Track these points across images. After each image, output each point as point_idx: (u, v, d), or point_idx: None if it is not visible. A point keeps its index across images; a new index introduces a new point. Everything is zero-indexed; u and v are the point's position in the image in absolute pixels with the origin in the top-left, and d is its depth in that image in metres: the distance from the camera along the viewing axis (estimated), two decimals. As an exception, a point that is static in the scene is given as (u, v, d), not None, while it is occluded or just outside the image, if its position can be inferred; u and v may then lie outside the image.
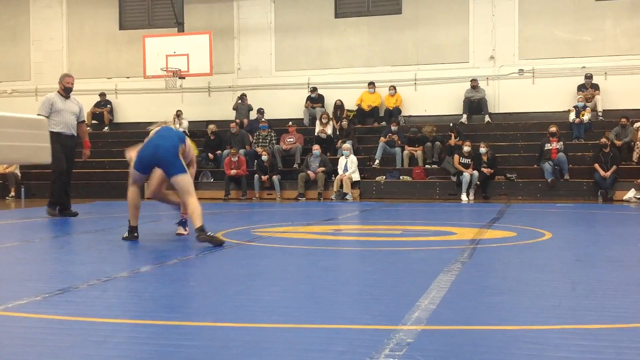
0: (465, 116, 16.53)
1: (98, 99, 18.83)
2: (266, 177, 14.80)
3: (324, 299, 3.77)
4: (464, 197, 13.78)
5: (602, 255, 5.58)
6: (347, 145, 14.86)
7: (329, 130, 16.07)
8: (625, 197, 13.02)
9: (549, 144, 14.16)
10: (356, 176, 14.59)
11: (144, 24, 18.91)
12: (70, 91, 9.46)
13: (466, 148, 14.09)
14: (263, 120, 16.66)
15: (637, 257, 5.51)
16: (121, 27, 19.19)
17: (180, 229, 6.95)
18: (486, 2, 16.74)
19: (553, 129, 14.24)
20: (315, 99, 17.33)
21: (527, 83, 16.62)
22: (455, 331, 3.04)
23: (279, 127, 16.64)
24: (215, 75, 17.05)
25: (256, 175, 14.86)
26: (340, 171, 14.57)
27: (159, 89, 17.51)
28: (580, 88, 15.92)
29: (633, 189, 12.97)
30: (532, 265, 4.98)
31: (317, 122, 16.36)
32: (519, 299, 3.74)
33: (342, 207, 12.29)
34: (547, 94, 16.32)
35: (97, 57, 19.24)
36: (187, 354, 2.68)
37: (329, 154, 15.39)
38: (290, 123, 16.39)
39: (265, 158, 14.92)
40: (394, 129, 15.62)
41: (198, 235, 5.92)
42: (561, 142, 14.18)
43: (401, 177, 14.86)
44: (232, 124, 16.31)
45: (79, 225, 8.44)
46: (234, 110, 17.52)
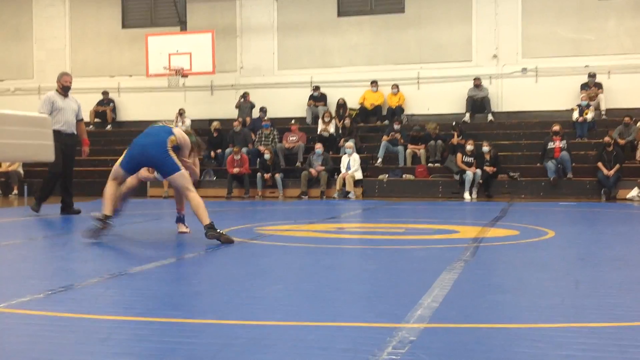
0: (468, 115, 16.52)
1: (101, 97, 18.85)
2: (269, 176, 14.80)
3: (327, 297, 3.77)
4: (466, 195, 13.77)
5: (605, 254, 5.58)
6: (349, 144, 14.85)
7: (331, 128, 16.06)
8: (628, 196, 13.01)
9: (552, 143, 14.14)
10: (359, 175, 14.59)
11: (146, 23, 18.92)
12: (68, 90, 9.47)
13: (469, 147, 14.08)
14: (266, 118, 16.66)
15: (640, 255, 5.51)
16: (124, 26, 19.20)
17: (182, 227, 6.94)
18: (489, 1, 16.72)
19: (556, 127, 14.22)
20: (317, 98, 17.32)
21: (530, 82, 16.60)
22: (458, 329, 3.03)
23: (282, 125, 16.64)
24: (217, 74, 17.05)
25: (259, 174, 14.87)
26: (343, 170, 14.57)
27: (161, 87, 17.51)
28: (584, 87, 15.90)
29: (636, 188, 12.96)
30: (534, 264, 4.97)
31: (320, 121, 16.36)
32: (522, 298, 3.74)
33: (345, 205, 12.29)
34: (550, 92, 16.30)
35: (99, 55, 19.26)
36: (190, 352, 2.69)
37: (331, 153, 15.39)
38: (292, 121, 16.39)
39: (267, 156, 14.92)
40: (396, 127, 15.61)
41: (207, 232, 5.90)
42: (564, 141, 14.16)
43: (404, 176, 14.85)
44: (235, 122, 16.31)
45: (82, 223, 8.45)
46: (236, 108, 17.53)
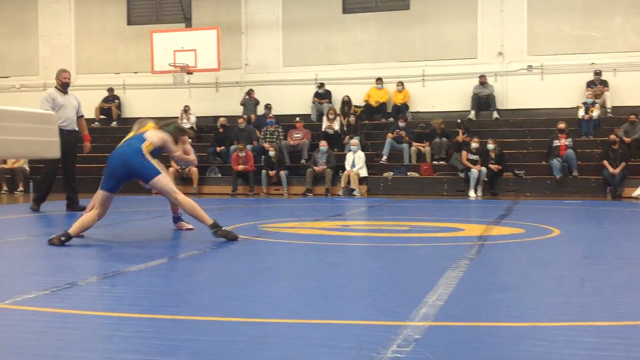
0: (473, 112, 16.48)
1: (106, 94, 18.88)
2: (273, 173, 14.81)
3: (331, 295, 3.77)
4: (471, 193, 13.74)
5: (610, 253, 5.56)
6: (354, 141, 14.84)
7: (336, 126, 16.06)
8: (634, 194, 12.96)
9: (558, 141, 14.10)
10: (364, 172, 14.58)
11: (151, 20, 18.94)
12: (67, 86, 9.49)
13: (474, 144, 14.05)
14: (270, 115, 16.66)
15: (645, 254, 5.49)
16: (129, 23, 19.22)
17: (184, 225, 6.94)
18: (495, -2, 16.68)
19: (562, 125, 14.18)
20: (322, 95, 17.32)
21: (536, 79, 16.54)
22: (463, 327, 3.03)
23: (287, 122, 16.64)
24: (222, 71, 17.05)
25: (263, 171, 14.87)
26: (348, 167, 14.56)
27: (166, 84, 17.53)
28: (589, 84, 15.85)
29: (642, 186, 12.92)
30: (540, 262, 4.96)
31: (325, 118, 16.35)
32: (527, 296, 3.73)
33: (350, 203, 12.28)
34: (556, 90, 16.24)
35: (105, 52, 19.29)
36: (194, 348, 2.69)
37: (336, 150, 15.38)
38: (297, 119, 16.39)
39: (272, 154, 14.92)
40: (401, 125, 15.59)
41: (215, 231, 5.93)
42: (570, 139, 14.11)
43: (409, 173, 14.84)
44: (240, 119, 16.32)
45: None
46: (241, 105, 17.54)
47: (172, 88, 17.49)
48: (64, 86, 9.45)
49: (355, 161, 14.53)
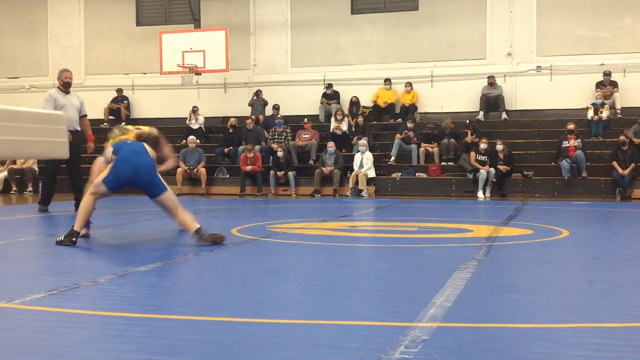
0: (482, 113, 16.43)
1: (115, 94, 18.94)
2: (282, 174, 14.81)
3: (339, 295, 3.76)
4: (480, 194, 13.70)
5: (619, 254, 5.54)
6: (362, 142, 14.83)
7: (344, 126, 16.05)
8: (643, 196, 12.89)
9: (567, 142, 14.04)
10: (372, 173, 14.57)
11: (160, 20, 18.99)
12: (69, 86, 9.50)
13: (483, 145, 14.01)
14: (279, 116, 16.67)
15: (655, 255, 5.46)
16: (138, 24, 19.28)
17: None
18: (504, -1, 16.64)
19: (571, 126, 14.12)
20: (330, 96, 17.31)
21: (545, 80, 16.48)
22: (471, 329, 3.02)
23: (295, 123, 16.65)
24: (231, 72, 17.07)
25: (272, 172, 14.88)
26: (356, 168, 14.55)
27: (175, 85, 17.57)
28: (599, 85, 15.77)
29: (652, 187, 12.85)
30: (548, 264, 4.94)
31: (333, 119, 16.35)
32: (535, 297, 3.72)
33: (358, 203, 12.27)
34: (565, 91, 16.18)
35: (114, 53, 19.36)
36: (202, 349, 2.69)
37: (344, 151, 15.37)
38: (305, 119, 16.39)
39: (280, 154, 14.93)
40: (410, 125, 15.57)
41: (199, 237, 5.73)
42: (579, 140, 14.05)
43: (417, 174, 14.81)
44: (248, 120, 16.34)
45: (95, 220, 8.49)
46: (249, 106, 17.56)
47: (181, 89, 17.53)
48: (65, 86, 9.46)
49: (364, 162, 14.52)
